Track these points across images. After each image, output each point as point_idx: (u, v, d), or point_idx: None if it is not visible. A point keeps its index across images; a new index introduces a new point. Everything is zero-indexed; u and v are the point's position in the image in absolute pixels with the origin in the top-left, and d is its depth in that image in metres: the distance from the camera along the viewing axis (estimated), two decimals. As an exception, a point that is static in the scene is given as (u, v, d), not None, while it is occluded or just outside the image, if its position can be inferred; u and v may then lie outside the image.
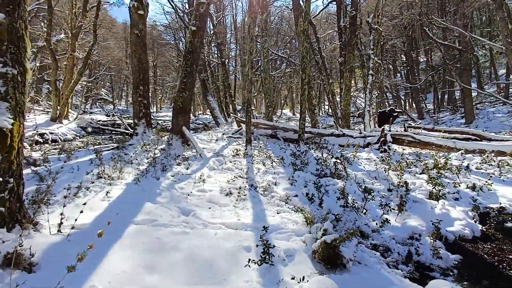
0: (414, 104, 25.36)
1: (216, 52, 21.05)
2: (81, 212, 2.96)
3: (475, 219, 4.02)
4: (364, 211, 4.04)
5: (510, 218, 4.19)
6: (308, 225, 3.59)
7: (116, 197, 4.46)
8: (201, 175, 5.74)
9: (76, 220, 2.99)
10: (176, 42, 23.36)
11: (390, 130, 13.34)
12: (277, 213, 4.19)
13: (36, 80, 24.19)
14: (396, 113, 19.99)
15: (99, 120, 22.37)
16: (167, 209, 4.09)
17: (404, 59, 26.31)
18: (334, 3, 14.33)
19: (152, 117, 23.17)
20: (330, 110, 34.49)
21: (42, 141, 14.34)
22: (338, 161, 5.98)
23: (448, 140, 8.92)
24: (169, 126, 18.41)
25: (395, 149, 8.69)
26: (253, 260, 2.42)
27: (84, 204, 3.24)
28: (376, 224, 3.74)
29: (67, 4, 19.76)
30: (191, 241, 3.18)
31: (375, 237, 3.47)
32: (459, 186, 5.22)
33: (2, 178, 2.50)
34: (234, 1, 21.94)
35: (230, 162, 7.47)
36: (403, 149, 9.58)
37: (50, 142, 14.66)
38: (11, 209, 2.60)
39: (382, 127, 8.95)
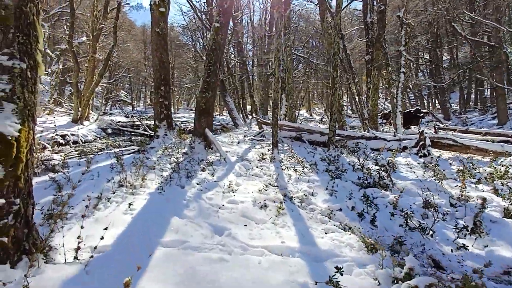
0: (438, 104, 23.99)
1: (233, 51, 20.49)
2: (102, 238, 2.41)
3: None
4: (431, 232, 3.32)
5: None
6: (370, 252, 2.91)
7: (139, 210, 3.93)
8: (229, 184, 5.15)
9: (95, 248, 2.44)
10: (193, 43, 23.01)
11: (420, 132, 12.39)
12: (325, 233, 3.52)
13: (59, 82, 24.46)
14: (422, 114, 18.87)
15: (119, 121, 22.29)
16: (198, 226, 3.51)
17: (428, 57, 24.96)
18: (360, -2, 13.48)
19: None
20: (348, 111, 33.33)
21: (63, 143, 14.19)
22: (383, 168, 5.24)
23: (494, 144, 7.97)
24: (188, 128, 18.04)
25: (439, 155, 7.83)
26: (325, 314, 1.78)
27: (106, 228, 2.68)
28: (452, 251, 3.02)
29: (89, 7, 19.75)
30: (232, 273, 2.57)
31: (455, 270, 2.75)
32: (530, 199, 4.39)
33: (6, 199, 1.96)
34: (251, 0, 21.32)
35: (257, 167, 6.86)
36: (441, 153, 8.69)
37: (71, 144, 14.52)
38: (17, 238, 2.07)
39: (422, 130, 8.12)
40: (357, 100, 11.96)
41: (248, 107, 30.63)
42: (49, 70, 24.02)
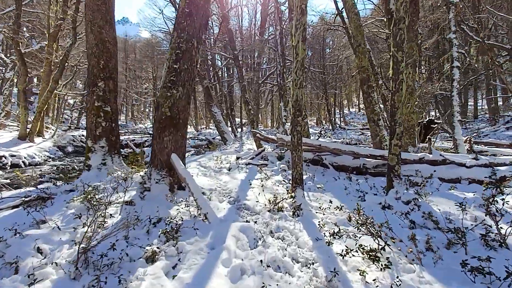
0: (438, 114, 21.15)
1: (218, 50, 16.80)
2: None
3: None
4: None
5: None
6: None
7: None
8: None
9: None
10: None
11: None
12: None
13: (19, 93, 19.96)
14: (436, 125, 15.87)
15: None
16: None
17: (428, 64, 22.32)
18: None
19: (134, 130, 18.24)
20: (340, 122, 30.13)
21: (-4, 167, 10.06)
22: None
23: None
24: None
25: None
26: None
27: None
28: None
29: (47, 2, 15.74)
30: None
31: None
32: None
33: None
34: (240, 3, 18.02)
35: (272, 234, 3.18)
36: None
37: (8, 168, 10.37)
38: None
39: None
40: (381, 107, 8.55)
41: (237, 119, 26.87)
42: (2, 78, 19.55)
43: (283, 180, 5.42)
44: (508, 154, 8.15)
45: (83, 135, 18.07)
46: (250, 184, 5.14)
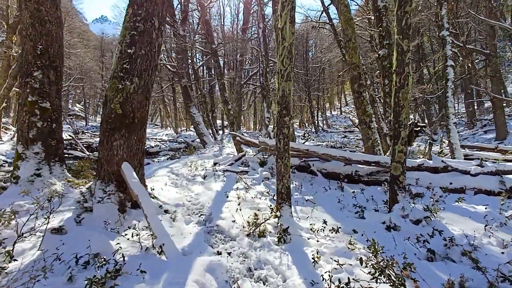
0: (425, 118, 21.21)
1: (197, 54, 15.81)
2: None
3: None
4: None
5: None
6: None
7: None
8: None
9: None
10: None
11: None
12: None
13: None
14: (419, 128, 15.66)
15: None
16: None
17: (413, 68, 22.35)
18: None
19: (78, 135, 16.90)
20: (323, 124, 29.71)
21: None
22: None
23: None
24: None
25: None
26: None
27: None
28: None
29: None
30: None
31: None
32: None
33: None
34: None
35: (251, 272, 2.32)
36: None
37: (-49, 174, 8.81)
38: None
39: None
40: (370, 109, 7.94)
41: (218, 121, 25.78)
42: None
43: (266, 192, 4.58)
44: (496, 158, 7.81)
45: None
46: (227, 197, 4.27)
